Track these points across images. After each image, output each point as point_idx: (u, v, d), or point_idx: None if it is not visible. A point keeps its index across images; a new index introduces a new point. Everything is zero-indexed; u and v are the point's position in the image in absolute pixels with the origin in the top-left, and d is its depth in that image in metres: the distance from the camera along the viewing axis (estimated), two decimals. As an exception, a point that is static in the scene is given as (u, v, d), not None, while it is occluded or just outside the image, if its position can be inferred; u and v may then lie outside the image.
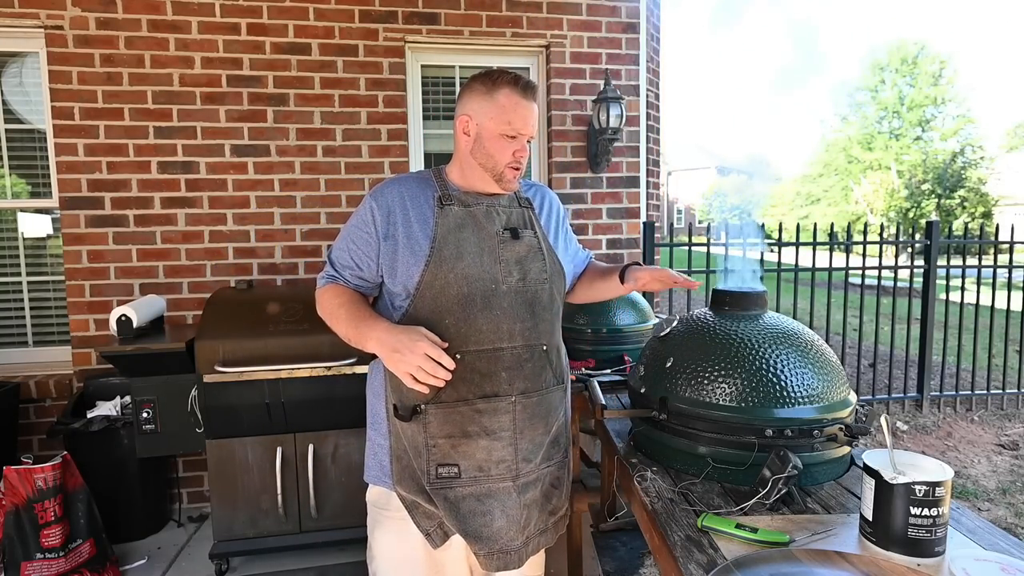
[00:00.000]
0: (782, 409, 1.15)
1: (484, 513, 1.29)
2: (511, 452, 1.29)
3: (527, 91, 1.28)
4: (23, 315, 3.00)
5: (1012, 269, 4.28)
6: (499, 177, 1.31)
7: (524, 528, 1.33)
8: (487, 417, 1.27)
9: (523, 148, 1.30)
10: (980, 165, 22.28)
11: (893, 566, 0.87)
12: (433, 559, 1.36)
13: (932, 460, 0.96)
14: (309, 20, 2.94)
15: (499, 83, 1.28)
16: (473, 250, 1.28)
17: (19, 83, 2.91)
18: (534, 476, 1.34)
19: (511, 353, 1.28)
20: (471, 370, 1.26)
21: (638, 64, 3.28)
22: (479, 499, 1.29)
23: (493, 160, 1.29)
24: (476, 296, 1.26)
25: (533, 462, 1.33)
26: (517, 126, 1.27)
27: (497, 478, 1.29)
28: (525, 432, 1.31)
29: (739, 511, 1.06)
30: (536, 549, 1.38)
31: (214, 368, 2.20)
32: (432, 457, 1.28)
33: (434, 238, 1.27)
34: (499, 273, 1.29)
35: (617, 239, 3.31)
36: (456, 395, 1.27)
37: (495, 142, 1.28)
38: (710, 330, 1.30)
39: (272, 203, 2.97)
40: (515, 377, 1.29)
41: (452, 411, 1.27)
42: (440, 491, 1.28)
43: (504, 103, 1.27)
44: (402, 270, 1.28)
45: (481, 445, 1.28)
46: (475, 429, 1.27)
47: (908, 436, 3.85)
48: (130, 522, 2.65)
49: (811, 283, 4.66)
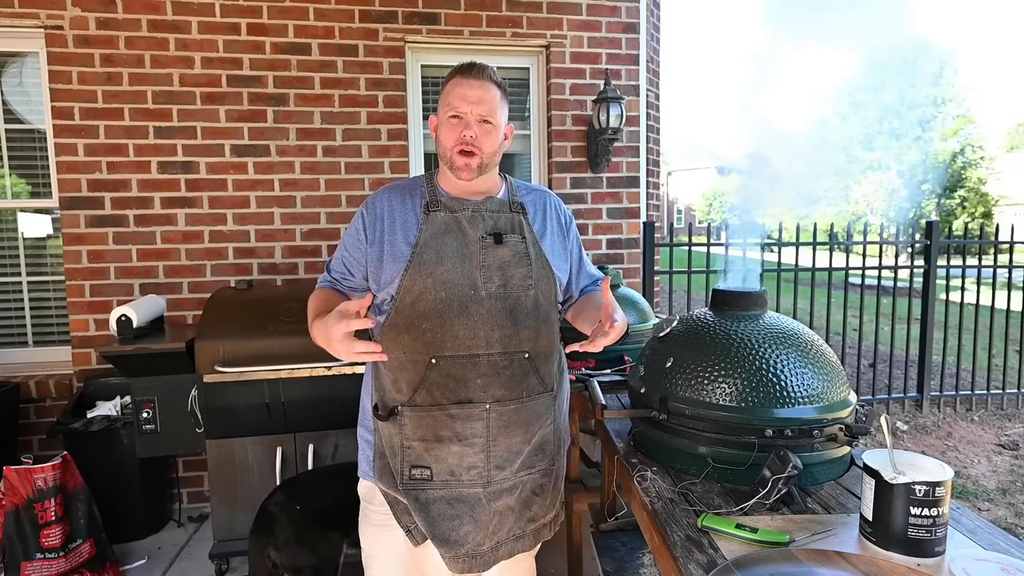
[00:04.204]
0: (782, 409, 1.15)
1: (453, 517, 1.29)
2: (483, 459, 1.28)
3: (470, 71, 1.26)
4: (23, 315, 3.00)
5: (1012, 269, 4.27)
6: (451, 165, 1.28)
7: (494, 533, 1.32)
8: (460, 423, 1.27)
9: (468, 127, 1.25)
10: (980, 165, 22.28)
11: (893, 566, 0.87)
12: (415, 555, 1.37)
13: (932, 460, 0.96)
14: (309, 20, 2.94)
15: (449, 76, 1.29)
16: (453, 255, 1.27)
17: (19, 83, 2.91)
18: (510, 483, 1.32)
19: (487, 360, 1.27)
20: (446, 375, 1.26)
21: (638, 64, 3.28)
22: (449, 503, 1.29)
23: (443, 147, 1.29)
24: (453, 301, 1.25)
25: (508, 469, 1.31)
26: (455, 104, 1.25)
27: (468, 483, 1.29)
28: (499, 439, 1.29)
29: (739, 511, 1.06)
30: (509, 554, 1.36)
31: (214, 368, 2.20)
32: (406, 458, 1.29)
33: (416, 244, 1.27)
34: (479, 279, 1.27)
35: (617, 239, 3.31)
36: (431, 399, 1.27)
37: (443, 129, 1.28)
38: (710, 330, 1.30)
39: (272, 203, 2.97)
40: (491, 384, 1.27)
41: (426, 415, 1.27)
42: (412, 492, 1.29)
43: (448, 89, 1.28)
44: (385, 276, 1.28)
45: (453, 450, 1.27)
46: (447, 434, 1.27)
47: (908, 436, 3.85)
48: (130, 522, 2.65)
49: (811, 283, 4.66)
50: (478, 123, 1.26)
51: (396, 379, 1.30)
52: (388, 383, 1.32)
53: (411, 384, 1.28)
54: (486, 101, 1.26)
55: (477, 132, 1.26)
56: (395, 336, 1.28)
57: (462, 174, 1.28)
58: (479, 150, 1.27)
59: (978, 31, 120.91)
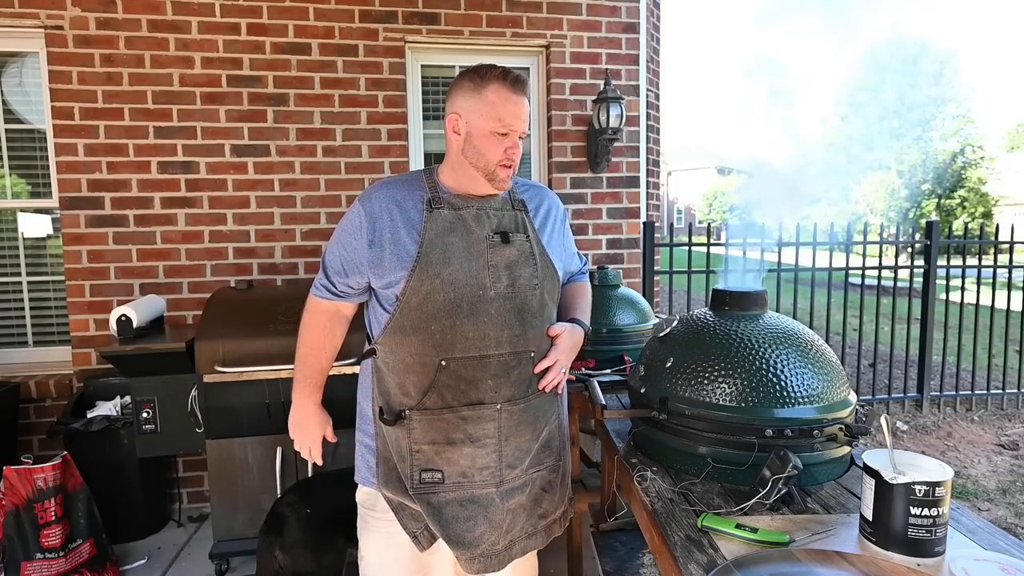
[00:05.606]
0: (782, 409, 1.15)
1: (467, 519, 1.28)
2: (495, 459, 1.28)
3: (516, 85, 1.24)
4: (23, 315, 3.00)
5: (1012, 269, 4.27)
6: (491, 176, 1.27)
7: (507, 532, 1.32)
8: (472, 424, 1.26)
9: (515, 145, 1.26)
10: (980, 165, 22.28)
11: (893, 566, 0.87)
12: (419, 561, 1.36)
13: (932, 460, 0.96)
14: (309, 20, 2.94)
15: (487, 78, 1.23)
16: (461, 255, 1.25)
17: (19, 83, 2.91)
18: (520, 481, 1.32)
19: (498, 360, 1.26)
20: (457, 377, 1.25)
21: (638, 64, 3.28)
22: (462, 504, 1.28)
23: (485, 159, 1.25)
24: (463, 302, 1.24)
25: (519, 468, 1.31)
26: (508, 122, 1.23)
27: (480, 484, 1.28)
28: (511, 439, 1.29)
29: (739, 511, 1.06)
30: (523, 552, 1.36)
31: (214, 368, 2.20)
32: (416, 462, 1.28)
33: (421, 243, 1.24)
34: (487, 279, 1.26)
35: (617, 239, 3.31)
36: (441, 402, 1.25)
37: (486, 140, 1.24)
38: (710, 330, 1.30)
39: (272, 203, 2.97)
40: (501, 384, 1.27)
41: (437, 418, 1.26)
42: (423, 496, 1.28)
43: (493, 99, 1.22)
44: (389, 276, 1.26)
45: (465, 452, 1.27)
46: (459, 436, 1.26)
47: (908, 436, 3.85)
48: (130, 522, 2.65)
49: (811, 283, 4.66)
50: (520, 139, 1.28)
51: (402, 382, 1.28)
52: (393, 387, 1.29)
53: (420, 387, 1.26)
54: (526, 118, 1.27)
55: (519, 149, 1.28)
56: (401, 338, 1.26)
57: (503, 184, 1.29)
58: (515, 163, 1.29)
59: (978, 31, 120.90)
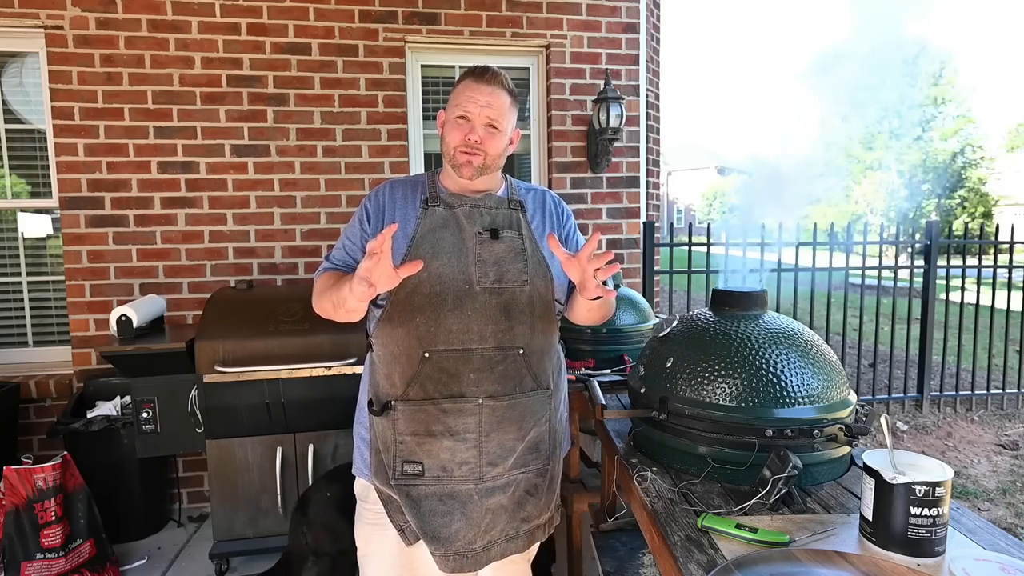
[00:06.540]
0: (782, 409, 1.15)
1: (444, 513, 1.28)
2: (475, 454, 1.28)
3: (482, 75, 1.29)
4: (23, 315, 3.00)
5: (1012, 269, 4.27)
6: (453, 163, 1.32)
7: (486, 532, 1.31)
8: (452, 417, 1.27)
9: (473, 131, 1.28)
10: (980, 165, 22.26)
11: (893, 566, 0.87)
12: (408, 555, 1.36)
13: (932, 460, 0.96)
14: (309, 20, 2.94)
15: (461, 77, 1.32)
16: (449, 250, 1.28)
17: (19, 83, 2.91)
18: (503, 481, 1.31)
19: (481, 354, 1.27)
20: (439, 370, 1.27)
21: (638, 64, 3.28)
22: (440, 499, 1.29)
23: (446, 145, 1.31)
24: (447, 295, 1.26)
25: (501, 466, 1.30)
26: (465, 106, 1.28)
27: (459, 480, 1.29)
28: (492, 435, 1.29)
29: (739, 511, 1.06)
30: (501, 555, 1.35)
31: (214, 368, 2.20)
32: (399, 453, 1.29)
33: (412, 238, 1.29)
34: (474, 274, 1.28)
35: (617, 239, 3.31)
36: (423, 394, 1.27)
37: (448, 127, 1.31)
38: (710, 330, 1.30)
39: (272, 203, 2.97)
40: (483, 379, 1.28)
41: (418, 409, 1.27)
42: (404, 487, 1.29)
43: (459, 90, 1.30)
44: None
45: (445, 445, 1.28)
46: (439, 429, 1.27)
47: (908, 436, 3.85)
48: (130, 522, 2.65)
49: (811, 283, 4.66)
50: (484, 127, 1.29)
51: (390, 373, 1.31)
52: (382, 377, 1.33)
53: (404, 378, 1.28)
54: (494, 106, 1.29)
55: (482, 135, 1.29)
56: (390, 330, 1.29)
57: (463, 171, 1.31)
58: (482, 152, 1.29)
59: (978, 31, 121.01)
